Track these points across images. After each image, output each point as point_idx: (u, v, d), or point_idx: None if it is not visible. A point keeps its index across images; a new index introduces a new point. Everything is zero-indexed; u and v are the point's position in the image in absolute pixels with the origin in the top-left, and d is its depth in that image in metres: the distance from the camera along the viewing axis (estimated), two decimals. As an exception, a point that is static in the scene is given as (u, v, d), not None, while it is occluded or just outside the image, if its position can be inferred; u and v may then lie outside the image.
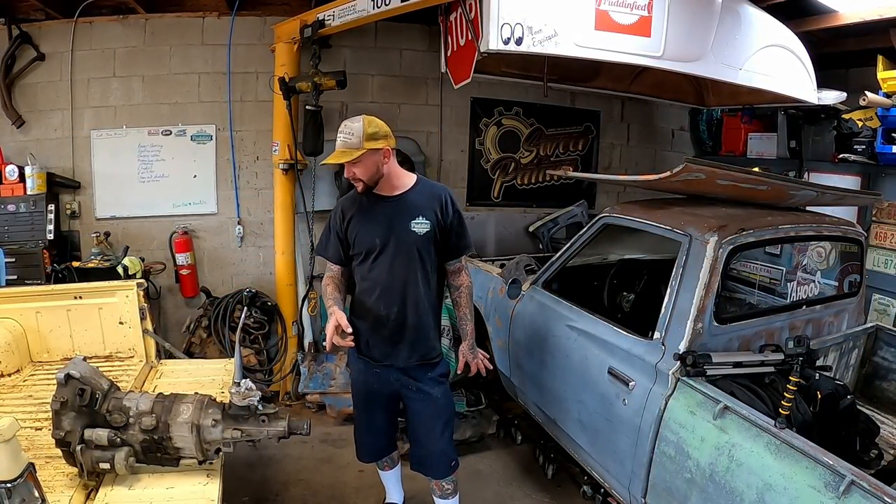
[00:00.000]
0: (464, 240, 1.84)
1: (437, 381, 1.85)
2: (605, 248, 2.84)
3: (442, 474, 1.89)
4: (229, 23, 3.20)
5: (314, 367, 3.08)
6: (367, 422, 1.96)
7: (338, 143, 1.67)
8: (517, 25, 2.06)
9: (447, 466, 1.88)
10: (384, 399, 1.89)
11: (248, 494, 2.31)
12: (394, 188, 1.76)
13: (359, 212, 1.79)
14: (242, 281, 3.46)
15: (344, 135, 1.66)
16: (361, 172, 1.69)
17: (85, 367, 1.46)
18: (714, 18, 2.33)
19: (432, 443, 1.86)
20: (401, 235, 1.74)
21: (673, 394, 1.66)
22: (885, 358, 2.24)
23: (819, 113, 3.00)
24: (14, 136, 3.13)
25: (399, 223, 1.74)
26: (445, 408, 1.87)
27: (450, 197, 1.81)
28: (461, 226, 1.82)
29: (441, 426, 1.85)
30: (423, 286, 1.78)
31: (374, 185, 1.73)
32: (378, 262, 1.76)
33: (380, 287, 1.77)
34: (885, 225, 2.72)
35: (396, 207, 1.76)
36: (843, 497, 1.20)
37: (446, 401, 1.87)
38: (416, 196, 1.78)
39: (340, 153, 1.66)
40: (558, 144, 3.95)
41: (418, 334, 1.80)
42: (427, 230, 1.75)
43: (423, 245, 1.75)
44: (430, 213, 1.76)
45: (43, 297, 2.19)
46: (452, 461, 1.90)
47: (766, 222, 1.92)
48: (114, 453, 1.41)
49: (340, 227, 1.81)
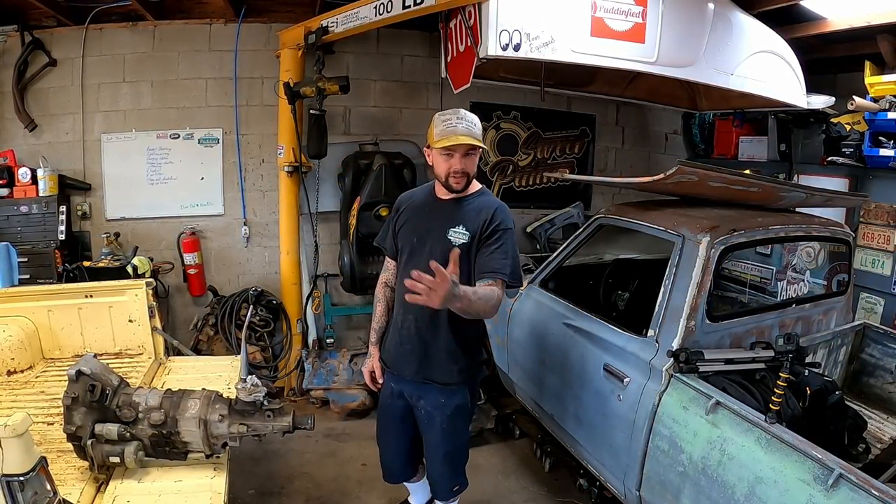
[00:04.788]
0: (495, 261, 1.57)
1: (444, 408, 1.69)
2: (601, 248, 2.87)
3: (441, 497, 1.84)
4: (236, 29, 3.26)
5: (318, 364, 3.13)
6: (384, 434, 1.88)
7: (459, 128, 1.52)
8: (515, 32, 2.10)
9: (447, 490, 1.81)
10: (398, 412, 1.78)
11: (253, 487, 2.35)
12: (454, 192, 1.65)
13: (411, 207, 1.73)
14: (248, 280, 3.49)
15: (466, 122, 1.54)
16: (472, 167, 1.59)
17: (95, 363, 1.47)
18: (706, 25, 2.36)
19: (434, 465, 1.78)
20: (436, 241, 1.63)
21: (666, 390, 1.69)
22: (873, 355, 2.27)
23: (808, 117, 3.04)
24: (27, 139, 3.17)
25: (439, 227, 1.63)
26: (450, 438, 1.71)
27: (498, 213, 1.61)
28: (500, 245, 1.58)
29: (442, 454, 1.74)
30: None
31: (469, 186, 1.62)
32: (409, 263, 1.66)
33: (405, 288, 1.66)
34: (872, 225, 2.75)
35: (444, 211, 1.65)
36: (831, 490, 1.23)
37: (453, 431, 1.70)
38: (467, 204, 1.64)
39: (468, 139, 1.52)
40: (555, 147, 4.00)
41: (428, 352, 1.67)
42: (462, 241, 1.59)
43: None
44: (472, 224, 1.60)
45: (55, 296, 2.21)
46: (455, 486, 1.81)
47: (757, 223, 1.94)
48: (123, 447, 1.42)
49: (393, 219, 1.77)
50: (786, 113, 3.16)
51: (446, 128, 1.55)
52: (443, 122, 1.57)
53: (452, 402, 1.70)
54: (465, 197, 1.66)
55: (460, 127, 1.54)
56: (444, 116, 1.58)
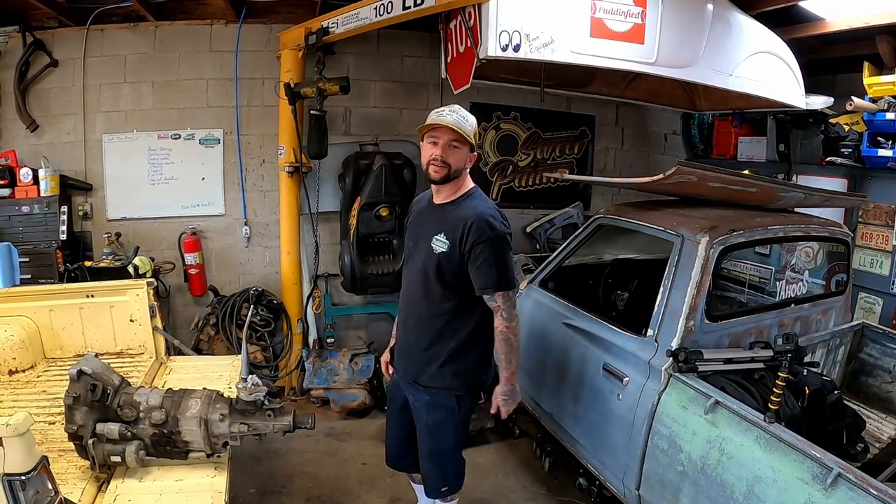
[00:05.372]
0: (482, 277, 1.55)
1: (429, 408, 1.69)
2: (601, 248, 2.88)
3: (429, 492, 1.79)
4: (236, 30, 3.27)
5: (318, 364, 3.14)
6: (388, 422, 1.93)
7: (447, 118, 1.54)
8: (515, 33, 2.11)
9: (434, 488, 1.77)
10: (400, 404, 1.82)
11: (254, 486, 2.35)
12: (449, 195, 1.65)
13: (415, 211, 1.77)
14: (249, 280, 3.49)
15: (457, 115, 1.56)
16: (455, 160, 1.57)
17: (97, 363, 1.48)
18: (705, 26, 2.37)
19: (422, 461, 1.77)
20: (423, 247, 1.63)
21: (665, 389, 1.70)
22: (871, 354, 2.27)
23: (807, 117, 3.04)
24: (28, 139, 3.18)
25: (427, 233, 1.63)
26: (434, 438, 1.70)
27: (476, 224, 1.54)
28: (482, 259, 1.54)
29: (427, 451, 1.73)
30: (427, 308, 1.64)
31: (449, 181, 1.60)
32: (406, 267, 1.74)
33: (402, 291, 1.76)
34: (870, 226, 2.76)
35: (434, 216, 1.65)
36: (830, 489, 1.23)
37: (437, 433, 1.69)
38: (454, 211, 1.62)
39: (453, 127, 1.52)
40: (555, 148, 4.00)
41: (411, 354, 1.70)
42: (442, 250, 1.58)
43: (433, 265, 1.59)
44: (453, 233, 1.58)
45: (56, 296, 2.22)
46: (442, 486, 1.76)
47: (756, 223, 1.95)
48: (125, 447, 1.42)
49: (405, 222, 1.84)
50: (785, 113, 3.17)
51: (436, 116, 1.59)
52: (435, 113, 1.61)
53: (437, 404, 1.69)
54: (455, 201, 1.65)
55: (448, 117, 1.56)
56: (439, 109, 1.62)
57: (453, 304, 1.63)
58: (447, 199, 1.66)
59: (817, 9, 2.70)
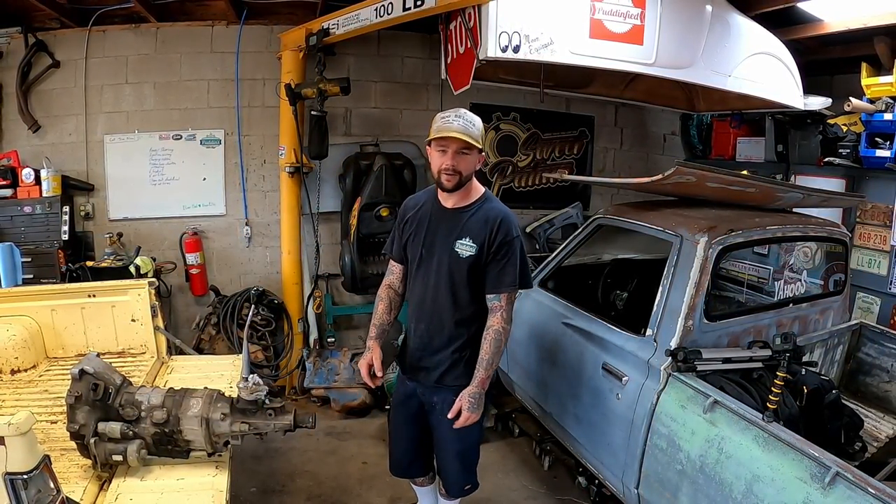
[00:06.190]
0: (506, 276, 1.60)
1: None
2: (600, 249, 2.88)
3: (453, 493, 1.85)
4: (237, 31, 3.28)
5: (319, 363, 3.15)
6: (395, 430, 1.90)
7: (455, 126, 1.53)
8: (514, 34, 2.12)
9: (459, 488, 1.83)
10: (411, 410, 1.81)
11: (255, 485, 2.36)
12: (460, 199, 1.65)
13: (418, 215, 1.72)
14: (250, 280, 3.50)
15: (464, 120, 1.55)
16: (465, 167, 1.57)
17: (98, 362, 1.48)
18: (704, 27, 2.38)
19: (446, 463, 1.79)
20: (443, 253, 1.64)
21: (664, 388, 1.71)
22: (869, 354, 2.28)
23: (805, 118, 3.05)
24: (30, 140, 3.20)
25: (445, 239, 1.64)
26: (463, 437, 1.70)
27: (504, 223, 1.60)
28: (508, 259, 1.60)
29: (454, 453, 1.75)
30: (452, 312, 1.65)
31: (461, 187, 1.60)
32: (419, 274, 1.69)
33: (416, 298, 1.72)
34: (868, 226, 2.77)
35: (450, 221, 1.65)
36: (828, 488, 1.24)
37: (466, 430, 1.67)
38: (474, 215, 1.63)
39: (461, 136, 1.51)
40: (554, 148, 4.02)
41: (440, 359, 1.69)
42: (470, 254, 1.60)
43: (460, 269, 1.62)
44: (478, 236, 1.60)
45: (58, 296, 2.23)
46: (467, 485, 1.82)
47: (754, 223, 1.95)
48: (126, 446, 1.43)
49: (399, 226, 1.76)
50: (783, 114, 3.17)
51: (443, 123, 1.57)
52: (441, 119, 1.59)
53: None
54: (470, 205, 1.66)
55: (456, 124, 1.55)
56: (444, 114, 1.60)
57: (479, 306, 1.67)
58: (462, 204, 1.66)
59: (815, 10, 2.71)
